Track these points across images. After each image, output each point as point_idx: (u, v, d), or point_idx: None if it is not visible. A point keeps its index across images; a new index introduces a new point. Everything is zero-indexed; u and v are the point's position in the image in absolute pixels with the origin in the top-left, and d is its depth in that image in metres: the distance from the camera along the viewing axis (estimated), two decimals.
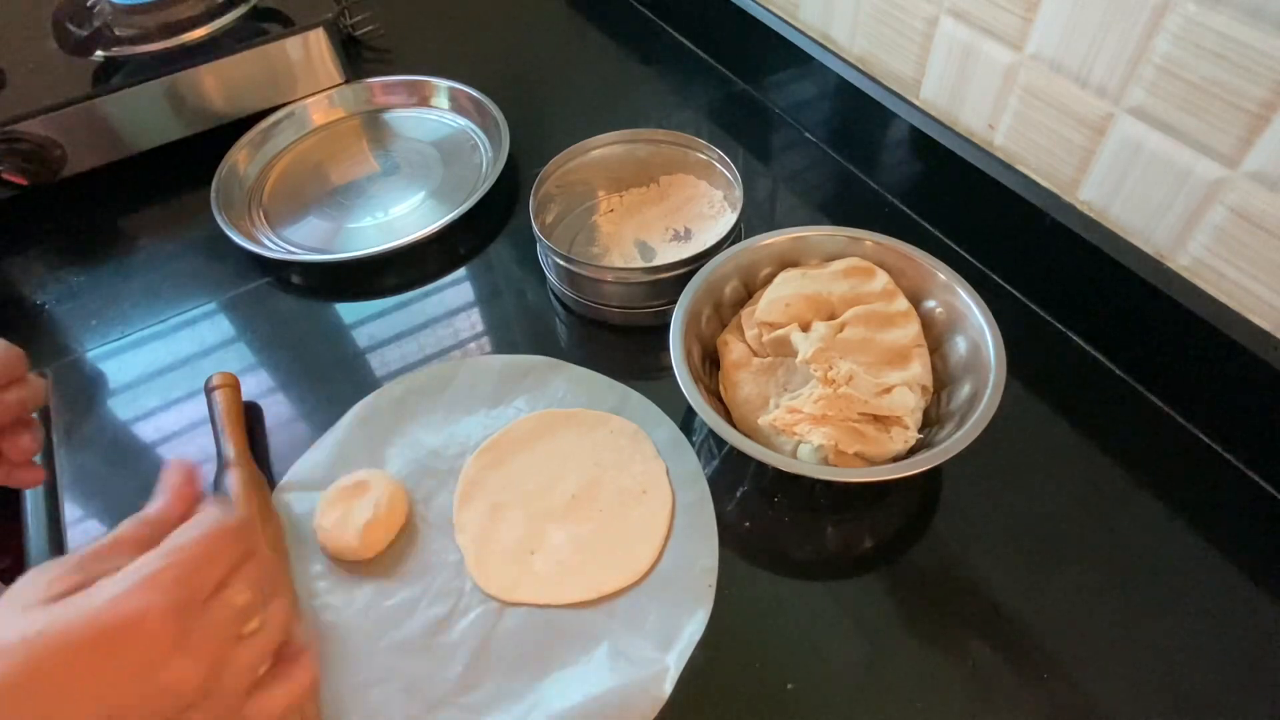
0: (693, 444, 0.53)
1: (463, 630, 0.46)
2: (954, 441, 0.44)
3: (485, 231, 0.70)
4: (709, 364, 0.55)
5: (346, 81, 0.81)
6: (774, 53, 0.75)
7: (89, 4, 0.71)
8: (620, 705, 0.43)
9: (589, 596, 0.47)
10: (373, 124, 0.81)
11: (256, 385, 0.60)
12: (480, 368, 0.58)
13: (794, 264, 0.56)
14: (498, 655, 0.45)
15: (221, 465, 0.51)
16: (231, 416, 0.54)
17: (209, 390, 0.56)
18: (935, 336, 0.52)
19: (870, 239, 0.54)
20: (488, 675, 0.45)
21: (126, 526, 0.32)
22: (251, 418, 0.57)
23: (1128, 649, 0.44)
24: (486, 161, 0.75)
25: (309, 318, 0.65)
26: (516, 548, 0.49)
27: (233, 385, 0.56)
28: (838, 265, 0.54)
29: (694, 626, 0.45)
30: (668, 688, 0.43)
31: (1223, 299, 0.49)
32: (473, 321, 0.63)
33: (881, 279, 0.53)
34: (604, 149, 0.67)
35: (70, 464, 0.56)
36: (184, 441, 0.56)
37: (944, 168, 0.62)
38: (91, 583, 0.28)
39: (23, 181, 0.69)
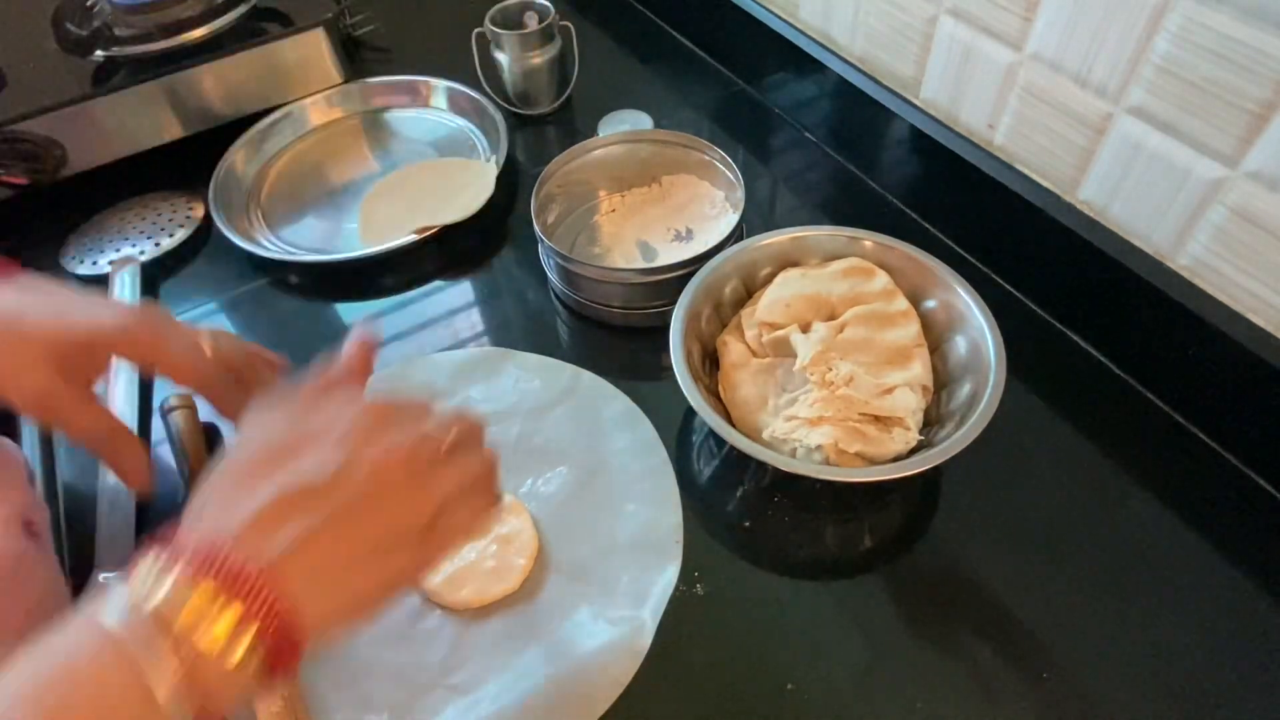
0: (693, 443, 0.54)
1: (440, 616, 0.47)
2: (954, 441, 0.44)
3: (486, 231, 0.70)
4: (709, 364, 0.55)
5: (346, 81, 0.81)
6: (774, 53, 0.75)
7: (89, 4, 0.71)
8: (602, 665, 0.44)
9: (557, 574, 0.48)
10: (372, 124, 0.81)
11: None
12: (432, 366, 0.59)
13: (794, 264, 0.56)
14: (479, 635, 0.46)
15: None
16: (193, 439, 0.54)
17: (165, 413, 0.55)
18: (935, 336, 0.52)
19: (870, 239, 0.54)
20: (471, 655, 0.45)
21: (309, 381, 0.36)
22: (211, 438, 0.56)
23: (1128, 649, 0.44)
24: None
25: (309, 318, 0.65)
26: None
27: (190, 406, 0.56)
28: (838, 265, 0.54)
29: (665, 581, 0.47)
30: (647, 641, 0.45)
31: (1223, 299, 0.49)
32: (473, 321, 0.63)
33: (881, 279, 0.53)
34: (605, 149, 0.67)
35: (71, 464, 0.56)
36: None
37: (944, 167, 0.62)
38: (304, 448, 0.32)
39: (23, 181, 0.69)
